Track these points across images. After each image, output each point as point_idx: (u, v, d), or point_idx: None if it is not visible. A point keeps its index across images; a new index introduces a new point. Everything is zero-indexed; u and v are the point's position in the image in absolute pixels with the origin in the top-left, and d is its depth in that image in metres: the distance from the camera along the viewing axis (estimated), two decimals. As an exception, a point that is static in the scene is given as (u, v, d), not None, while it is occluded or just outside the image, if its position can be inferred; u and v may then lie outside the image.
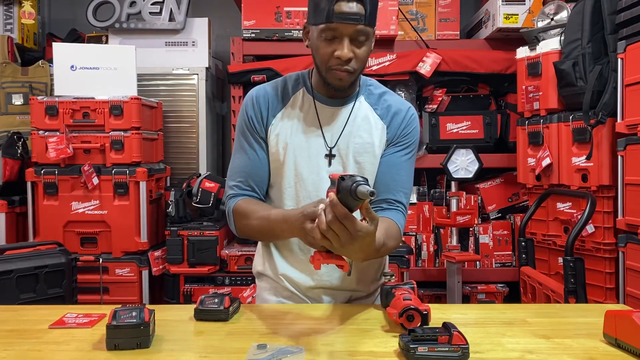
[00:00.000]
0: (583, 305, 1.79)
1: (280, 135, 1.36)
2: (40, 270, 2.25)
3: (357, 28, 1.23)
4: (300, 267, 1.39)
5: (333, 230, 0.97)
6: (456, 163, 2.71)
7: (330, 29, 1.23)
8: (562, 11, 2.54)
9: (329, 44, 1.25)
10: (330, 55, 1.25)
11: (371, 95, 1.40)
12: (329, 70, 1.28)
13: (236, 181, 1.38)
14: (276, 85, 1.41)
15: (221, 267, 2.75)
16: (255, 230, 1.33)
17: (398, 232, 1.32)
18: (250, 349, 1.00)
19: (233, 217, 1.37)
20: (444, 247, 2.90)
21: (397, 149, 1.38)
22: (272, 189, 1.41)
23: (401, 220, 1.34)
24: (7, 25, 3.34)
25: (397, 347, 1.01)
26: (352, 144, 1.35)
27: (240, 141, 1.40)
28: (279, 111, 1.37)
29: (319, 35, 1.25)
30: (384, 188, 1.35)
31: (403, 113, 1.39)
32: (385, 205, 1.34)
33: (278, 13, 2.97)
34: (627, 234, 2.11)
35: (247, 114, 1.38)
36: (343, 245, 0.99)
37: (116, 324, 1.02)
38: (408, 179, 1.39)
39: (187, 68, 3.17)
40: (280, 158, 1.36)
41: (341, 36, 1.23)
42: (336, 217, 0.96)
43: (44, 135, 2.66)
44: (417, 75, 2.94)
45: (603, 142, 2.29)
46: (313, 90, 1.38)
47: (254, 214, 1.31)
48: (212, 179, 2.86)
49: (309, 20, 1.29)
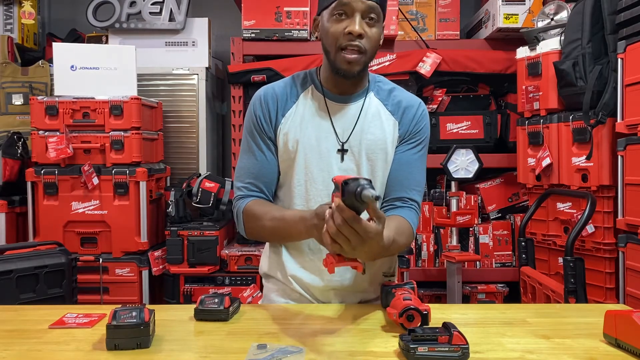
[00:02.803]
0: (583, 305, 1.79)
1: (289, 133, 1.35)
2: (40, 270, 2.25)
3: (368, 3, 1.23)
4: (311, 268, 1.38)
5: (343, 235, 0.97)
6: (456, 163, 2.71)
7: (341, 4, 1.23)
8: (562, 11, 2.54)
9: (339, 21, 1.25)
10: (340, 33, 1.25)
11: (381, 91, 1.40)
12: (338, 52, 1.27)
13: (245, 182, 1.37)
14: (284, 84, 1.40)
15: (221, 267, 2.75)
16: (267, 232, 1.32)
17: (409, 230, 1.32)
18: (250, 349, 1.00)
19: (243, 218, 1.36)
20: (444, 247, 2.89)
21: (410, 146, 1.37)
22: (282, 189, 1.40)
23: (414, 218, 1.35)
24: (7, 25, 3.34)
25: (397, 347, 1.01)
26: (364, 140, 1.34)
27: (249, 142, 1.38)
28: (287, 110, 1.37)
29: (330, 16, 1.26)
30: (397, 186, 1.35)
31: (414, 109, 1.38)
32: (399, 204, 1.35)
33: (278, 13, 2.97)
34: (627, 234, 2.11)
35: (255, 114, 1.37)
36: (354, 248, 0.99)
37: (116, 324, 1.02)
38: (421, 176, 1.39)
39: (187, 68, 3.17)
40: (290, 156, 1.35)
41: (352, 12, 1.24)
42: (345, 221, 0.95)
43: (44, 135, 2.66)
44: (417, 75, 2.94)
45: (603, 142, 2.29)
46: (323, 87, 1.37)
47: (266, 215, 1.30)
48: (212, 179, 2.86)
49: (320, 7, 1.30)
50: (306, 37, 2.98)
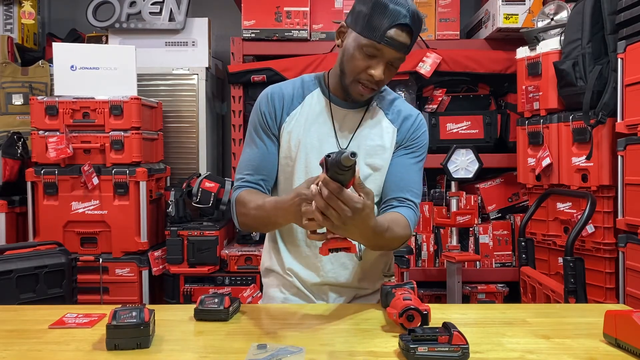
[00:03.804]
0: (583, 305, 1.79)
1: (292, 133, 1.38)
2: (40, 270, 2.25)
3: (397, 55, 1.27)
4: (306, 263, 1.41)
5: (332, 207, 1.00)
6: (456, 163, 2.71)
7: (375, 48, 1.25)
8: (562, 11, 2.54)
9: (366, 58, 1.27)
10: (362, 70, 1.28)
11: (383, 100, 1.44)
12: (354, 83, 1.30)
13: (243, 174, 1.40)
14: (292, 85, 1.43)
15: (221, 267, 2.75)
16: (252, 219, 1.34)
17: (406, 222, 1.32)
18: (250, 349, 1.00)
19: (235, 207, 1.38)
20: (444, 247, 2.89)
21: (407, 152, 1.41)
22: (283, 187, 1.42)
23: (411, 215, 1.35)
24: (7, 25, 3.34)
25: (397, 347, 1.01)
26: (363, 145, 1.38)
27: (252, 135, 1.42)
28: (293, 110, 1.40)
29: (359, 47, 1.27)
30: (394, 187, 1.38)
31: (413, 118, 1.42)
32: (396, 203, 1.36)
33: (278, 13, 2.97)
34: (627, 234, 2.11)
35: (261, 110, 1.40)
36: (345, 222, 1.02)
37: (116, 324, 1.02)
38: (417, 180, 1.41)
39: (187, 68, 3.17)
40: (292, 155, 1.38)
41: (381, 57, 1.26)
42: (331, 193, 0.99)
43: (44, 135, 2.66)
44: (417, 75, 2.94)
45: (603, 142, 2.29)
46: (330, 92, 1.40)
47: (251, 203, 1.32)
48: (212, 179, 2.86)
49: (353, 25, 1.29)
50: (306, 37, 2.98)
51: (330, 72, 1.42)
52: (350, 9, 1.33)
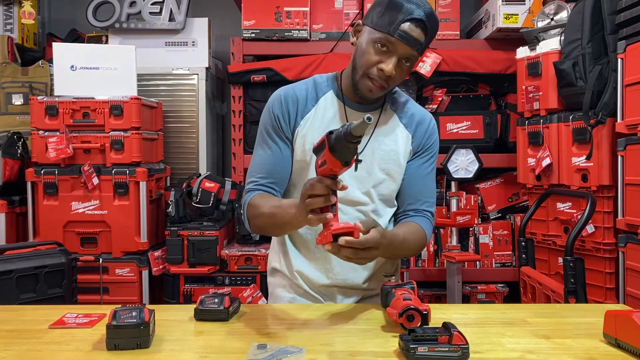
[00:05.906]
0: (583, 305, 1.79)
1: (307, 136, 1.37)
2: (40, 270, 2.25)
3: (410, 52, 1.25)
4: (316, 264, 1.40)
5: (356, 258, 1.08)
6: (456, 163, 2.71)
7: (387, 41, 1.24)
8: (562, 11, 2.54)
9: (378, 53, 1.26)
10: (373, 64, 1.27)
11: (396, 102, 1.43)
12: (364, 77, 1.29)
13: (256, 177, 1.38)
14: (305, 87, 1.41)
15: (221, 267, 2.75)
16: (265, 222, 1.32)
17: (421, 232, 1.35)
18: (250, 349, 1.00)
19: (247, 211, 1.37)
20: (444, 247, 2.89)
21: (422, 160, 1.42)
22: (296, 190, 1.41)
23: (427, 225, 1.38)
24: (7, 25, 3.34)
25: (397, 347, 1.01)
26: (377, 150, 1.37)
27: (264, 138, 1.40)
28: (307, 112, 1.38)
29: (372, 41, 1.26)
30: (411, 199, 1.40)
31: (426, 123, 1.43)
32: (412, 213, 1.39)
33: (278, 13, 2.97)
34: (627, 234, 2.11)
35: (274, 112, 1.38)
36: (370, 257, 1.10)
37: (116, 324, 1.02)
38: (433, 188, 1.44)
39: (187, 68, 3.17)
40: (306, 159, 1.36)
41: (393, 52, 1.26)
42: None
43: (44, 135, 2.66)
44: (417, 75, 2.94)
45: (603, 142, 2.29)
46: (343, 94, 1.39)
47: (264, 206, 1.31)
48: (212, 179, 2.86)
49: (368, 20, 1.29)
50: (306, 37, 2.98)
51: (343, 73, 1.40)
52: (350, 9, 1.33)
